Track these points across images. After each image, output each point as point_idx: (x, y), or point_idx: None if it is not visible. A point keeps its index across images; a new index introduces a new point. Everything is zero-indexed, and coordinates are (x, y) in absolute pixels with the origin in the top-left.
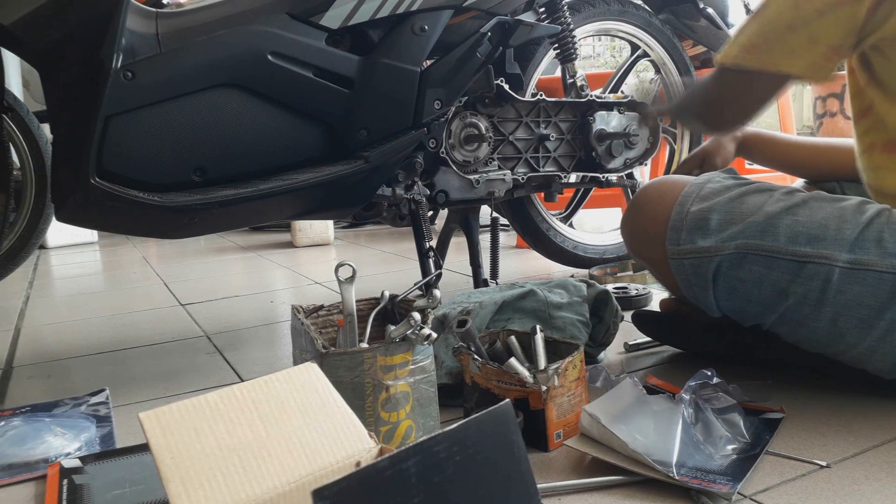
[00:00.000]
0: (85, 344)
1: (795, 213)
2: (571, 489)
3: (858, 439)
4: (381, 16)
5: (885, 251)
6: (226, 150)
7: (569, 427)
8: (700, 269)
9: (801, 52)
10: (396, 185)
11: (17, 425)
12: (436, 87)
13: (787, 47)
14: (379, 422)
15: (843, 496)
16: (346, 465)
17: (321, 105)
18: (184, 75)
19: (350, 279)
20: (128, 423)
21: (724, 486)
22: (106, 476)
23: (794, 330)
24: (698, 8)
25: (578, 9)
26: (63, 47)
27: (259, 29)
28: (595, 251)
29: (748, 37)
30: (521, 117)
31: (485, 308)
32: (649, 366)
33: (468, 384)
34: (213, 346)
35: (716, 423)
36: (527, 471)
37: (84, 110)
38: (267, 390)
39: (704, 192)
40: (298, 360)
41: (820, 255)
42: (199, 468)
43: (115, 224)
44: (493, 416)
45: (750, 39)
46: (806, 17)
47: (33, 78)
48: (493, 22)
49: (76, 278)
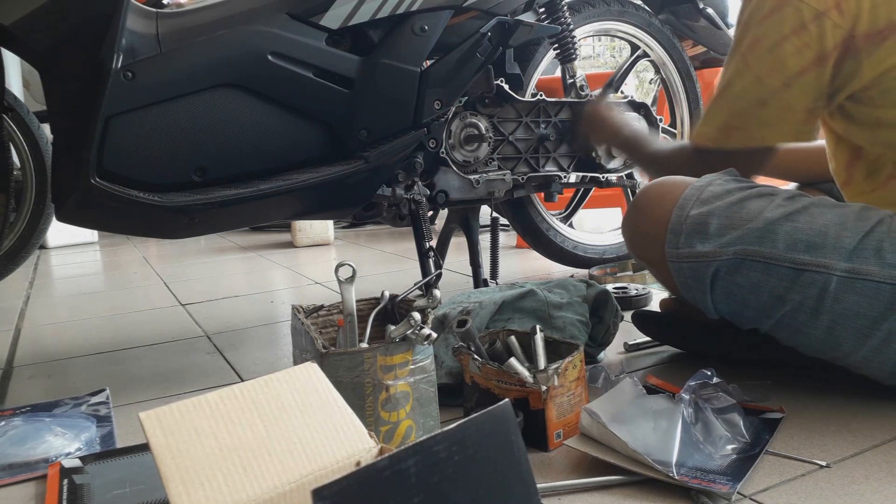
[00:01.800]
0: (85, 344)
1: (795, 220)
2: (571, 489)
3: (858, 439)
4: (381, 16)
5: (884, 261)
6: (226, 150)
7: (569, 427)
8: (698, 272)
9: (778, 123)
10: (396, 185)
11: (18, 425)
12: (436, 87)
13: (764, 122)
14: (379, 422)
15: (843, 496)
16: (346, 465)
17: (321, 105)
18: (184, 75)
19: (350, 279)
20: (128, 423)
21: (724, 486)
22: (106, 476)
23: (791, 336)
24: (698, 8)
25: (578, 9)
26: (63, 47)
27: (259, 29)
28: (595, 251)
29: (723, 119)
30: (521, 117)
31: (485, 308)
32: (649, 366)
33: (468, 384)
34: (213, 346)
35: (716, 423)
36: (527, 471)
37: (84, 110)
38: (267, 390)
39: (705, 196)
40: (298, 360)
41: (818, 264)
42: (199, 468)
43: (115, 224)
44: (493, 415)
45: (726, 122)
46: (774, 91)
47: (33, 78)
48: (493, 22)
49: (76, 278)
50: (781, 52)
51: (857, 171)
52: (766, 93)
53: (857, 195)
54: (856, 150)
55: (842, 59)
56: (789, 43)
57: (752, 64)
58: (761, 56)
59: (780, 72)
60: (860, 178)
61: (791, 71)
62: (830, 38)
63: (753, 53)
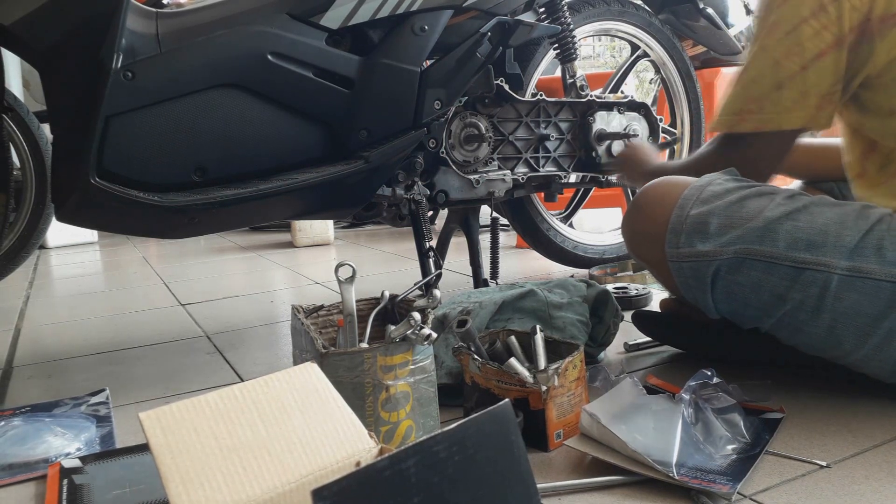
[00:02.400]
0: (85, 344)
1: (796, 219)
2: (571, 489)
3: (858, 439)
4: (381, 16)
5: (885, 259)
6: (226, 150)
7: (569, 427)
8: (698, 272)
9: (794, 107)
10: (396, 185)
11: (18, 425)
12: (436, 87)
13: (781, 106)
14: (379, 422)
15: (843, 496)
16: (346, 465)
17: (321, 105)
18: (184, 75)
19: (350, 279)
20: (128, 423)
21: (724, 486)
22: (106, 476)
23: (792, 335)
24: (698, 8)
25: (578, 9)
26: (63, 47)
27: (259, 29)
28: (595, 251)
29: (738, 104)
30: (521, 117)
31: (485, 308)
32: (649, 366)
33: (468, 384)
34: (213, 346)
35: (716, 423)
36: (527, 471)
37: (84, 110)
38: (267, 390)
39: (705, 195)
40: (298, 360)
41: (818, 262)
42: (199, 468)
43: (115, 224)
44: (493, 415)
45: (741, 106)
46: (791, 74)
47: (33, 78)
48: (493, 22)
49: (76, 278)
50: (800, 35)
51: (871, 163)
52: (783, 76)
53: (869, 187)
54: (870, 143)
55: (857, 42)
56: (808, 25)
57: (770, 47)
58: (780, 39)
59: (798, 55)
60: (873, 170)
61: (809, 54)
62: (848, 21)
63: (772, 37)
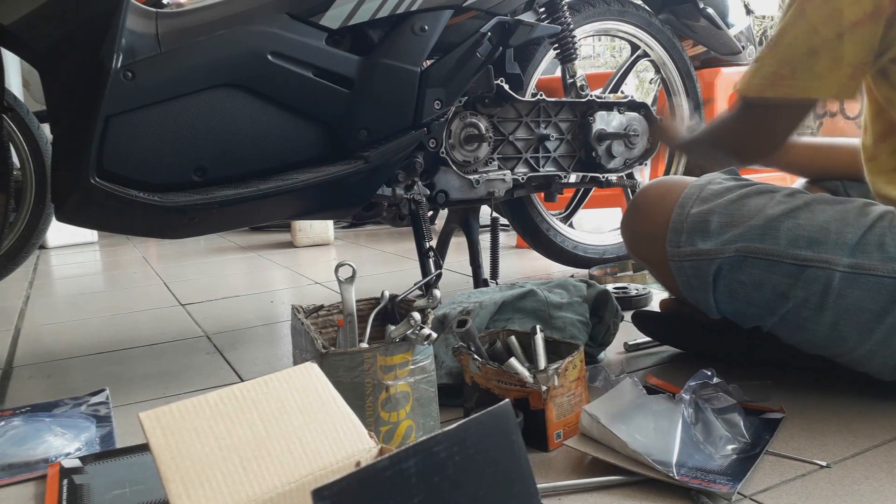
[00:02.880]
0: (85, 344)
1: (797, 216)
2: (571, 489)
3: (858, 439)
4: (381, 16)
5: (887, 255)
6: (226, 150)
7: (569, 427)
8: (700, 271)
9: (827, 75)
10: (396, 185)
11: (18, 425)
12: (436, 87)
13: (814, 73)
14: (379, 422)
15: (843, 496)
16: (346, 465)
17: (321, 105)
18: (184, 75)
19: (350, 279)
20: (128, 423)
21: (724, 486)
22: (106, 476)
23: (794, 333)
24: (698, 8)
25: (578, 9)
26: (63, 47)
27: (259, 29)
28: (595, 251)
29: (772, 68)
30: (521, 117)
31: (485, 308)
32: (649, 366)
33: (468, 384)
34: (213, 346)
35: (716, 423)
36: (527, 471)
37: (84, 110)
38: (267, 390)
39: (705, 194)
40: (298, 360)
41: (820, 259)
42: (199, 468)
43: (115, 224)
44: (493, 415)
45: (775, 70)
46: (827, 41)
47: (33, 78)
48: (493, 22)
49: (76, 278)
50: (839, 2)
51: (886, 146)
52: (818, 42)
53: (880, 172)
54: (889, 127)
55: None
56: None
57: (808, 13)
58: (819, 6)
59: (836, 21)
60: (885, 154)
61: (846, 22)
62: None
63: (811, 3)
